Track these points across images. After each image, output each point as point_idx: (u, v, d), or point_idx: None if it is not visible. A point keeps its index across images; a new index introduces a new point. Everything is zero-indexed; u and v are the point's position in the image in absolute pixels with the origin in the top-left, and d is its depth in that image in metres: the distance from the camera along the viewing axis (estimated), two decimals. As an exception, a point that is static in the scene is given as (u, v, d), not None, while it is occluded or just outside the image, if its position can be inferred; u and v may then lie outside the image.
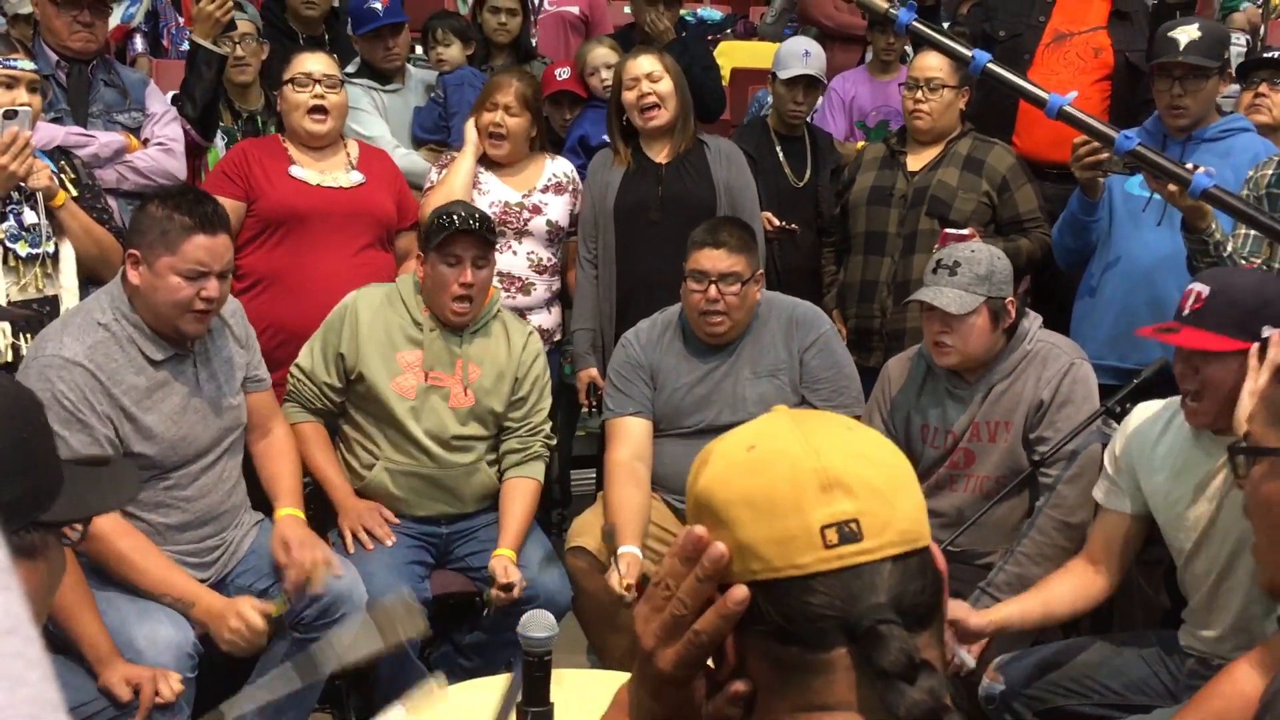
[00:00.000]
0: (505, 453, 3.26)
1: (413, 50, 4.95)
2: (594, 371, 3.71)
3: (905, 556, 0.91)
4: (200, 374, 2.78)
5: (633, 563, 2.98)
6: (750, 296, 3.24)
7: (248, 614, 2.61)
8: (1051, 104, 2.49)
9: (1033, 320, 3.04)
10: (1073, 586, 2.65)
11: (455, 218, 3.10)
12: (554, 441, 3.37)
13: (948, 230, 3.53)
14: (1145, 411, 2.62)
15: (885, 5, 2.50)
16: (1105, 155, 3.21)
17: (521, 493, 3.21)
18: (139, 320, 2.67)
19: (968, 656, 2.61)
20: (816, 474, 0.91)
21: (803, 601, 0.89)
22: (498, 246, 3.70)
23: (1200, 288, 2.39)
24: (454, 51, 4.58)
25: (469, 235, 3.09)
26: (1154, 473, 2.55)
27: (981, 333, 2.92)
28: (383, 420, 3.16)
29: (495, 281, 3.67)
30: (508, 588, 2.99)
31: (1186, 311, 2.38)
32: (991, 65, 2.47)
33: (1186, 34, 3.38)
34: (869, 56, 5.10)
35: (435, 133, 4.31)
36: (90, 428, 2.58)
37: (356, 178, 3.60)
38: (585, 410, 3.93)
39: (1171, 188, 2.95)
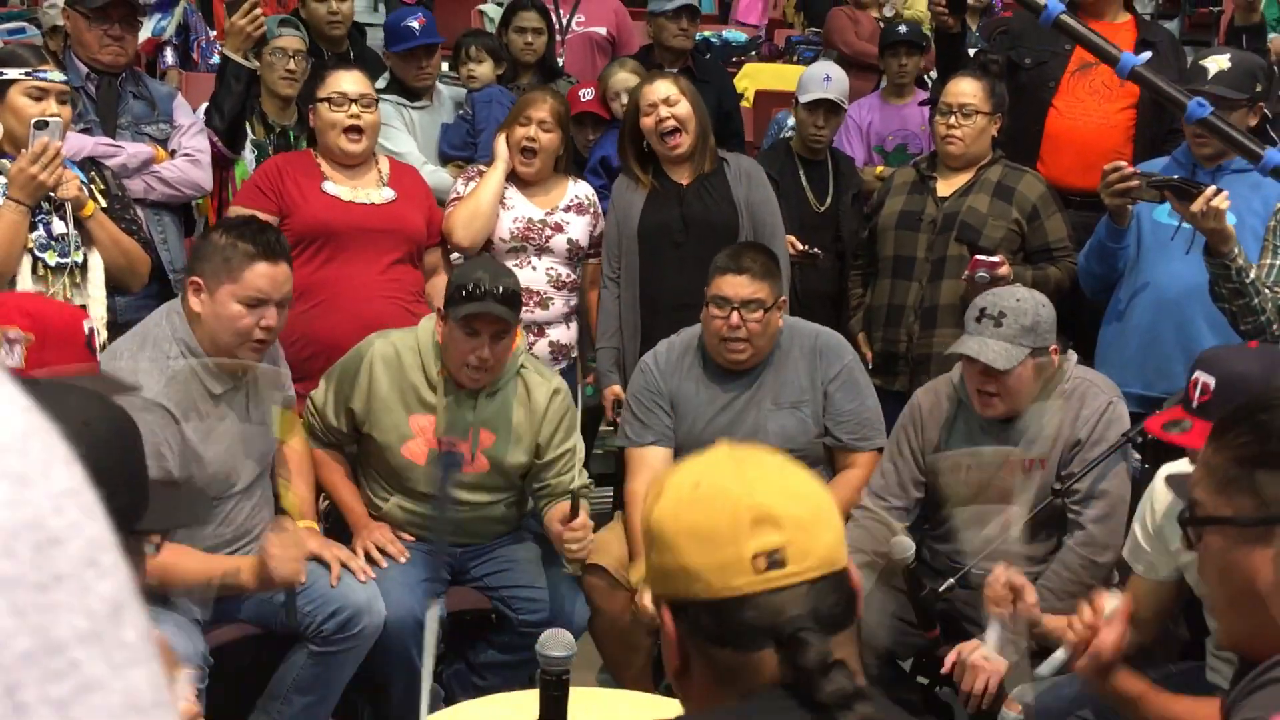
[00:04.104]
0: (541, 500, 3.16)
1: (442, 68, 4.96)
2: (618, 389, 3.67)
3: (823, 578, 1.13)
4: (250, 404, 2.81)
5: None
6: (773, 324, 3.19)
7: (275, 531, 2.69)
8: (1124, 62, 2.43)
9: (1069, 358, 3.00)
10: None
11: (479, 290, 2.86)
12: (589, 489, 3.21)
13: (978, 256, 3.52)
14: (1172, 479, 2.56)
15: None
16: (1135, 183, 3.18)
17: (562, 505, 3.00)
18: (201, 354, 2.69)
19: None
20: (751, 510, 1.12)
21: (738, 618, 1.12)
22: (518, 262, 3.71)
23: (1206, 378, 2.30)
24: (485, 69, 4.60)
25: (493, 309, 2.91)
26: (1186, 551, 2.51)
27: (1026, 384, 2.86)
28: (393, 477, 3.12)
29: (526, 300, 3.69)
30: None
31: (1194, 404, 2.31)
32: (1064, 17, 2.42)
33: (1216, 63, 3.33)
34: (885, 84, 5.10)
35: (462, 149, 4.32)
36: (163, 458, 2.60)
37: (388, 194, 3.59)
38: (610, 426, 3.90)
39: (1194, 208, 2.93)
